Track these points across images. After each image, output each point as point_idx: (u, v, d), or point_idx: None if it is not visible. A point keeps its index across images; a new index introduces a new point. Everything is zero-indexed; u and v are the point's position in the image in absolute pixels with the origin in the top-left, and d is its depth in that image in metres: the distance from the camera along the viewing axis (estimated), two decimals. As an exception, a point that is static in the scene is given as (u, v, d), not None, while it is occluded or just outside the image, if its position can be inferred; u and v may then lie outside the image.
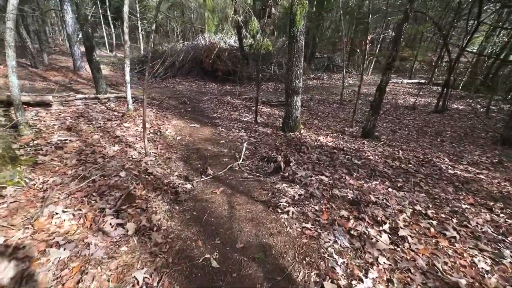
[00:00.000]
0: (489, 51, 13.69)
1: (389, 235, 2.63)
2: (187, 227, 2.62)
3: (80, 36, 14.49)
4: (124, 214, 2.53)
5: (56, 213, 2.40)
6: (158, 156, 4.25)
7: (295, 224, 2.80)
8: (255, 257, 2.28)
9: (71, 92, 8.13)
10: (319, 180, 3.88)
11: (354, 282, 2.06)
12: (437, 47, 19.33)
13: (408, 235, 2.64)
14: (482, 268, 2.31)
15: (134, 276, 1.93)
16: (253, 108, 8.95)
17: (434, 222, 2.96)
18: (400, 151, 5.66)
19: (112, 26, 18.54)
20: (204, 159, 4.44)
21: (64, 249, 2.04)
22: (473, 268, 2.30)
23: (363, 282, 2.05)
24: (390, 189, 3.79)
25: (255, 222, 2.80)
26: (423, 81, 15.45)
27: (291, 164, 3.95)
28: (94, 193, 2.85)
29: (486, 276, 2.21)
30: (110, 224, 2.38)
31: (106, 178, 3.24)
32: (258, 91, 6.83)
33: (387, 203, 3.31)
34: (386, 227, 2.74)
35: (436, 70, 14.61)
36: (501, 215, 3.24)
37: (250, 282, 2.03)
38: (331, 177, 4.02)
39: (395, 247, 2.49)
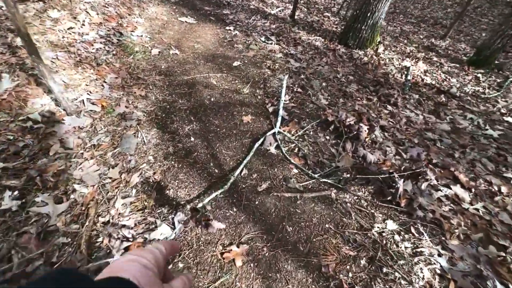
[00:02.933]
0: None
1: None
2: None
3: None
4: None
5: None
6: (100, 116, 1.83)
7: None
8: None
9: None
10: (454, 202, 1.69)
11: None
12: None
13: None
14: None
15: None
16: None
17: None
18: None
19: None
20: (203, 123, 2.03)
21: None
22: None
23: None
24: None
25: None
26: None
27: (422, 184, 1.59)
28: None
29: None
30: None
31: None
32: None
33: None
34: None
35: None
36: None
37: None
38: (476, 195, 1.79)
39: None
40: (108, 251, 1.14)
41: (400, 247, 1.39)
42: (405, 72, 3.05)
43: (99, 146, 1.59)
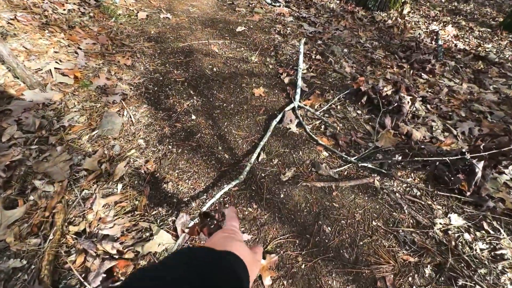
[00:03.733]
0: None
1: None
2: None
3: None
4: None
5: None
6: (73, 90, 1.41)
7: None
8: None
9: None
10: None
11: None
12: None
13: None
14: None
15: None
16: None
17: None
18: None
19: None
20: (206, 97, 1.62)
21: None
22: None
23: None
24: None
25: None
26: None
27: (509, 167, 1.24)
28: None
29: None
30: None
31: None
32: None
33: None
34: None
35: None
36: None
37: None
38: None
39: None
40: (82, 276, 0.78)
41: (475, 250, 1.05)
42: (435, 37, 2.62)
43: (71, 128, 1.20)
